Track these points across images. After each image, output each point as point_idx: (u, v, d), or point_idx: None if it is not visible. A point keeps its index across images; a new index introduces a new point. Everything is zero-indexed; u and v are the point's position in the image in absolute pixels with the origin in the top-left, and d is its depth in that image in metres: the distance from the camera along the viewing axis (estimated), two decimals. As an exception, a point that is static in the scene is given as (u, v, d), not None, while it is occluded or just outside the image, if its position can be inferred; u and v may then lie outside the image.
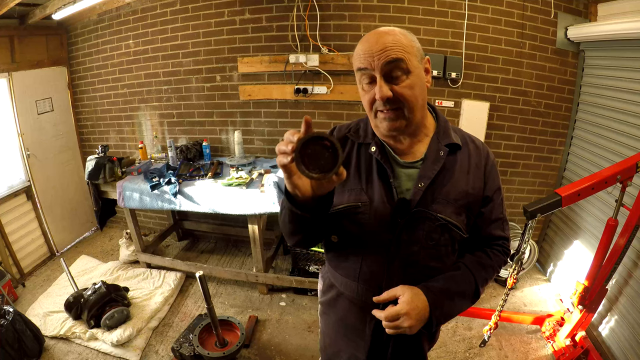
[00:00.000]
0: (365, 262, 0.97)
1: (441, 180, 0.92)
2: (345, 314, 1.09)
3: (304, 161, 0.65)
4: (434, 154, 0.93)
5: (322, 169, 0.67)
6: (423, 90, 0.88)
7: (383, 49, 0.81)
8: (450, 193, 0.92)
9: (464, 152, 0.96)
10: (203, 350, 2.03)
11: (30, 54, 3.07)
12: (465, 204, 0.94)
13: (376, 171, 0.94)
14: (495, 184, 0.99)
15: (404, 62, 0.82)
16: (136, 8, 3.03)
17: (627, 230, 1.75)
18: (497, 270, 1.03)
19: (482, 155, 0.99)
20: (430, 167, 0.92)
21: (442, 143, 0.94)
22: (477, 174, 0.96)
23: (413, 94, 0.85)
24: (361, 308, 1.03)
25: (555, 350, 2.17)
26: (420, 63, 0.87)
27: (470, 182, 0.95)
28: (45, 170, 3.27)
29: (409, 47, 0.84)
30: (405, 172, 0.95)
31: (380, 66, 0.82)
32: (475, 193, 0.95)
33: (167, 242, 3.61)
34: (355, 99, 2.84)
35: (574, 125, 2.72)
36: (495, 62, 2.66)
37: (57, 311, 2.51)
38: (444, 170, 0.93)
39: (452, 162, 0.94)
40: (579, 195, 1.69)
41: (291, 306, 2.70)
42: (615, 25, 2.13)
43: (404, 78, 0.83)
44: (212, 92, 3.10)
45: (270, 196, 2.31)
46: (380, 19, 2.65)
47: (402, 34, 0.86)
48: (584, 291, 1.94)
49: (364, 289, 0.99)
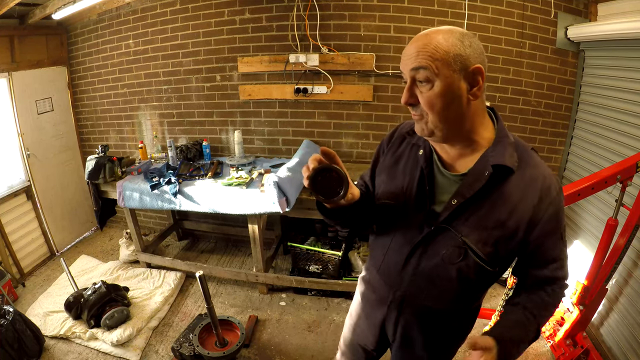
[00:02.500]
0: (387, 258, 1.04)
1: (479, 202, 0.85)
2: (365, 297, 1.18)
3: (316, 184, 0.83)
4: (478, 173, 0.84)
5: (327, 194, 0.84)
6: (456, 102, 0.80)
7: (412, 53, 0.79)
8: (485, 219, 0.85)
9: (518, 177, 0.83)
10: (203, 350, 2.03)
11: (30, 54, 3.07)
12: (499, 236, 0.85)
13: (418, 176, 0.93)
14: (553, 225, 0.85)
15: (426, 70, 0.77)
16: (136, 8, 3.03)
17: (627, 230, 1.75)
18: (556, 308, 0.95)
19: (537, 188, 0.83)
20: (470, 186, 0.85)
21: (490, 162, 0.83)
22: (525, 207, 0.83)
23: (434, 104, 0.79)
24: (377, 299, 1.11)
25: (555, 350, 2.17)
26: (459, 73, 0.78)
27: (513, 215, 0.83)
28: (45, 170, 3.27)
29: (443, 54, 0.76)
30: (446, 183, 0.91)
31: (407, 71, 0.81)
32: (515, 227, 0.83)
33: (167, 242, 3.61)
34: (355, 99, 2.85)
35: (574, 125, 2.72)
36: (495, 62, 2.66)
37: (57, 311, 2.51)
38: (486, 192, 0.84)
39: (497, 186, 0.84)
40: (579, 195, 1.69)
41: (291, 306, 2.70)
42: (615, 25, 2.13)
43: (426, 87, 0.79)
44: (212, 92, 3.10)
45: (270, 196, 2.31)
46: (380, 18, 2.64)
47: (446, 36, 0.78)
48: (584, 291, 1.94)
49: (382, 282, 1.07)
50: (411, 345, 1.11)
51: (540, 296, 0.92)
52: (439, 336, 1.08)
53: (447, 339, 1.11)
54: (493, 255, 0.87)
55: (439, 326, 1.05)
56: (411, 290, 1.00)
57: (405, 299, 1.03)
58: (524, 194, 0.83)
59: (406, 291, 1.01)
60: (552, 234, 0.86)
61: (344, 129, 2.98)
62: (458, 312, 1.04)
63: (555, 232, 0.87)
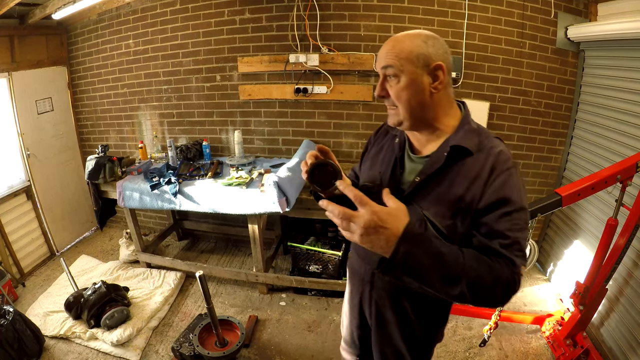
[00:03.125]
0: None
1: (440, 179, 0.94)
2: (350, 280, 1.30)
3: (313, 177, 0.95)
4: (439, 154, 0.95)
5: (323, 186, 0.95)
6: (420, 93, 0.92)
7: (382, 54, 0.94)
8: (444, 194, 0.92)
9: (476, 159, 0.92)
10: (203, 350, 2.03)
11: (30, 54, 3.07)
12: (456, 209, 0.91)
13: (392, 161, 1.07)
14: (501, 194, 0.88)
15: (392, 68, 0.92)
16: (136, 8, 3.03)
17: (627, 230, 1.75)
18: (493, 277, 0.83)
19: (488, 165, 0.90)
20: (431, 165, 0.95)
21: (449, 144, 0.94)
22: (479, 183, 0.90)
23: (400, 95, 0.93)
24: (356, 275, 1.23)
25: (555, 350, 2.17)
26: (422, 69, 0.91)
27: (470, 190, 0.90)
28: (45, 170, 3.27)
29: (407, 53, 0.90)
30: (413, 165, 1.03)
31: (379, 69, 0.96)
32: (470, 202, 0.90)
33: (167, 242, 3.61)
34: (355, 99, 2.85)
35: (574, 125, 2.72)
36: (495, 62, 2.66)
37: (57, 311, 2.51)
38: (445, 171, 0.94)
39: (456, 165, 0.93)
40: (579, 195, 1.69)
41: (291, 306, 2.70)
42: (615, 25, 2.13)
43: (394, 81, 0.93)
44: (212, 92, 3.10)
45: (270, 196, 2.31)
46: (380, 18, 2.65)
47: (411, 38, 0.92)
48: (584, 291, 1.94)
49: (358, 258, 1.20)
50: (385, 327, 1.16)
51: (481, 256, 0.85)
52: (410, 318, 1.11)
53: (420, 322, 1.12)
54: (451, 229, 0.92)
55: (409, 304, 1.09)
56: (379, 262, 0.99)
57: (375, 272, 1.13)
58: (479, 172, 0.91)
59: (375, 264, 0.99)
60: (499, 206, 0.87)
61: (344, 129, 2.98)
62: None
63: (503, 205, 0.87)
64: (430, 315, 1.13)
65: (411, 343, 1.16)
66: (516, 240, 0.87)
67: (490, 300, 0.85)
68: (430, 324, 1.15)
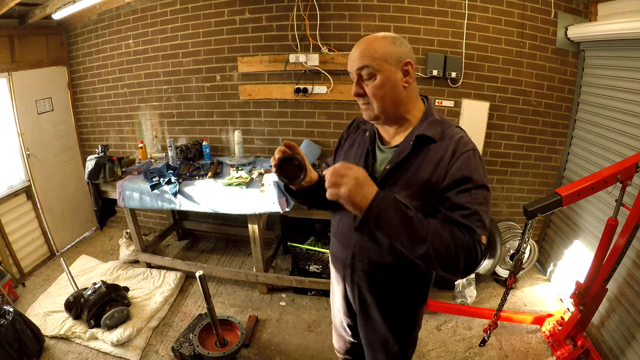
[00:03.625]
0: (340, 223, 1.23)
1: (407, 166, 1.04)
2: (333, 267, 1.36)
3: (282, 171, 1.04)
4: (406, 143, 1.06)
5: (291, 178, 1.05)
6: (393, 90, 1.02)
7: (357, 56, 1.02)
8: (412, 179, 1.03)
9: (439, 146, 1.02)
10: (203, 349, 2.03)
11: (30, 54, 3.07)
12: (423, 191, 1.01)
13: (364, 153, 1.16)
14: (461, 172, 0.96)
15: (368, 67, 1.00)
16: (136, 8, 3.03)
17: (627, 230, 1.75)
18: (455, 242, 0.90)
19: (450, 149, 1.00)
20: (399, 154, 1.06)
21: (414, 134, 1.04)
22: (442, 166, 1.00)
23: (376, 94, 1.02)
24: (338, 261, 1.27)
25: (555, 350, 2.17)
26: (396, 66, 1.01)
27: (434, 173, 1.00)
28: (45, 170, 3.27)
29: (382, 54, 0.99)
30: (383, 155, 1.13)
31: (353, 70, 1.04)
32: (435, 183, 1.00)
33: (167, 242, 3.61)
34: (355, 99, 2.84)
35: (574, 125, 2.72)
36: (495, 62, 2.66)
37: (57, 311, 2.51)
38: (412, 158, 1.04)
39: (422, 153, 1.03)
40: (579, 195, 1.69)
41: (291, 306, 2.70)
42: (615, 25, 2.13)
43: (370, 80, 1.02)
44: (212, 92, 3.10)
45: (270, 196, 2.31)
46: (380, 18, 2.65)
47: (380, 41, 1.01)
48: (584, 291, 1.94)
49: (338, 244, 1.25)
50: (367, 310, 1.24)
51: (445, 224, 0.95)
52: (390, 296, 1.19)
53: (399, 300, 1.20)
54: (420, 208, 1.00)
55: (387, 283, 1.17)
56: (358, 246, 1.16)
57: (355, 256, 1.19)
58: (442, 156, 1.00)
59: (355, 247, 1.18)
60: (460, 183, 0.97)
61: (343, 128, 2.97)
62: (404, 267, 1.13)
63: (463, 183, 0.96)
64: (409, 294, 1.21)
65: (393, 325, 1.24)
66: (475, 211, 0.95)
67: (453, 265, 0.91)
68: (409, 303, 1.23)
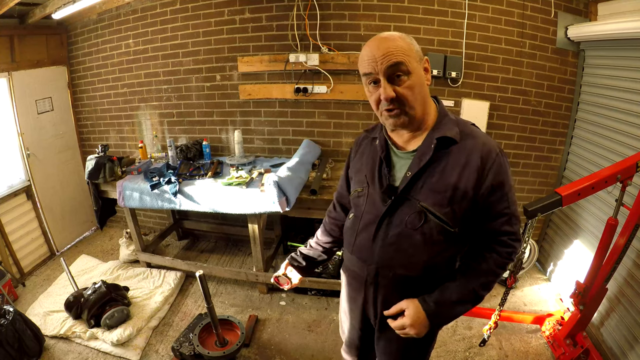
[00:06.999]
0: (358, 238, 1.14)
1: (431, 171, 0.99)
2: (347, 283, 1.28)
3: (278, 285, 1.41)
4: (426, 147, 1.00)
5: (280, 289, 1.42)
6: (423, 88, 0.97)
7: (385, 54, 0.92)
8: (437, 185, 0.98)
9: (461, 147, 0.98)
10: (203, 349, 2.03)
11: (30, 54, 3.07)
12: (451, 196, 0.97)
13: (378, 160, 1.09)
14: (497, 180, 0.97)
15: (404, 64, 0.92)
16: (136, 7, 3.03)
17: (627, 229, 1.75)
18: (498, 272, 1.04)
19: (475, 154, 0.97)
20: (420, 158, 1.00)
21: (434, 136, 0.99)
22: (470, 170, 0.96)
23: (413, 93, 0.94)
24: (355, 278, 1.19)
25: (555, 350, 2.17)
26: (420, 63, 0.96)
27: (462, 177, 0.96)
28: (45, 169, 3.27)
29: (408, 50, 0.93)
30: (402, 161, 1.06)
31: (384, 70, 0.92)
32: (464, 188, 0.96)
33: (167, 242, 3.61)
34: (355, 99, 2.84)
35: (574, 124, 2.72)
36: (496, 62, 2.66)
37: (57, 311, 2.51)
38: (434, 162, 0.99)
39: (444, 155, 0.98)
40: (579, 194, 1.69)
41: (291, 305, 2.71)
42: (615, 24, 2.13)
43: (405, 79, 0.93)
44: (212, 92, 3.10)
45: (270, 195, 2.31)
46: (380, 18, 2.65)
47: (401, 38, 0.95)
48: (584, 291, 1.94)
49: (356, 260, 1.16)
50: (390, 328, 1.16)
51: (476, 262, 1.05)
52: None
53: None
54: (451, 215, 0.98)
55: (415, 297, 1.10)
56: (383, 260, 1.08)
57: (379, 272, 1.10)
58: (468, 160, 0.97)
59: (379, 263, 1.09)
60: (497, 190, 0.98)
61: (344, 128, 2.98)
62: (431, 279, 1.08)
63: (501, 188, 0.98)
64: None
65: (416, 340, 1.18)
66: (513, 213, 1.01)
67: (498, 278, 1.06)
68: None
